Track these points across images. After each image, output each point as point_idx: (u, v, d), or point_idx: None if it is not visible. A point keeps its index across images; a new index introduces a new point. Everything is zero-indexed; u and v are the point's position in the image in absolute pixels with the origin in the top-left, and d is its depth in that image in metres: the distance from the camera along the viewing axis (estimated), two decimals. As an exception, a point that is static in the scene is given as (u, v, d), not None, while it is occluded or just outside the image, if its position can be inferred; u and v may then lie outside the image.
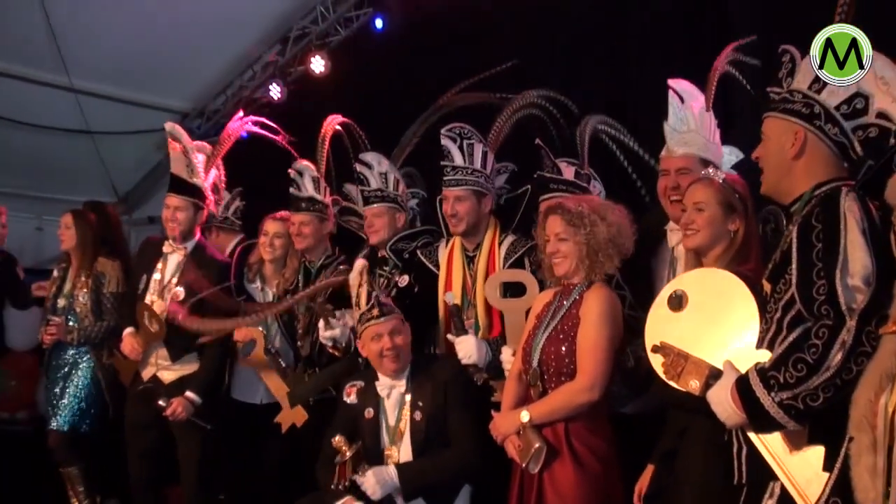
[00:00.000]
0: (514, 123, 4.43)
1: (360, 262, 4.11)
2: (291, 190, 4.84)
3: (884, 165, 2.85)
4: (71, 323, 5.28)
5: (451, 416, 3.77)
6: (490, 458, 3.71)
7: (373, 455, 3.86)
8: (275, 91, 7.35)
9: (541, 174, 4.01)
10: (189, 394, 4.57)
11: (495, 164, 4.34)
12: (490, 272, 4.09)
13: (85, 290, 5.32)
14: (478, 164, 4.15)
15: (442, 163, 4.19)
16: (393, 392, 3.89)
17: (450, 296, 4.06)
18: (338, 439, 3.77)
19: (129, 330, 4.75)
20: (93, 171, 8.01)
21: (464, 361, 3.88)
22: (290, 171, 4.85)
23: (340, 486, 3.72)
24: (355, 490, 3.70)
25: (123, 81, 7.30)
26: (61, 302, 5.37)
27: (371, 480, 3.65)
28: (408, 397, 3.86)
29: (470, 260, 4.21)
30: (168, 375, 4.72)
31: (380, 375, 3.91)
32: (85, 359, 5.33)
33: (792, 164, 2.57)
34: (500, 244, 4.18)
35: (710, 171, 3.11)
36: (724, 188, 2.99)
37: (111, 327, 5.23)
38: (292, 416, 4.54)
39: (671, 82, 3.54)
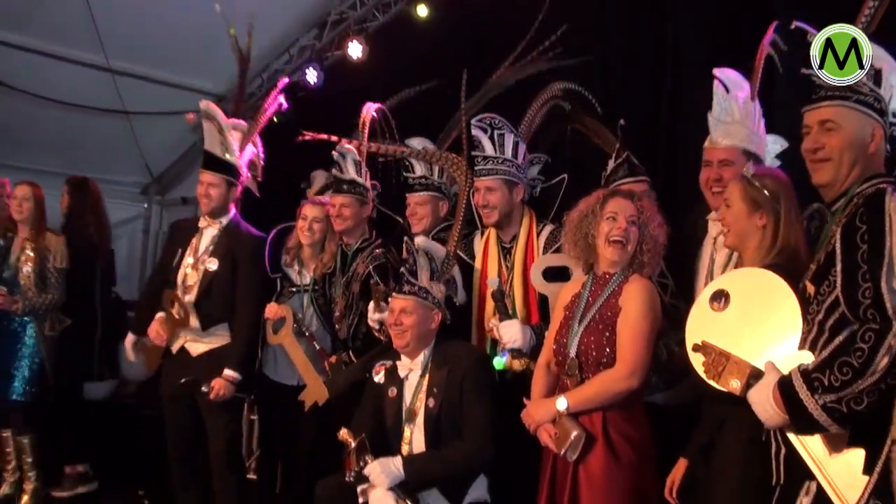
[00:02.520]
0: (545, 114, 4.43)
1: (419, 239, 4.10)
2: (333, 171, 4.87)
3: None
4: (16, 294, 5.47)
5: (465, 406, 3.79)
6: (506, 448, 3.74)
7: (394, 436, 3.92)
8: (311, 75, 7.34)
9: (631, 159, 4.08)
10: (228, 372, 4.59)
11: (528, 155, 4.34)
12: (528, 262, 4.10)
13: (30, 263, 5.54)
14: (508, 154, 4.15)
15: (473, 153, 4.20)
16: (411, 375, 3.96)
17: (494, 281, 4.05)
18: (343, 432, 3.83)
19: (159, 315, 4.79)
20: (127, 151, 8.08)
21: (508, 346, 3.87)
22: (333, 152, 4.86)
23: (348, 478, 3.76)
24: (364, 480, 3.74)
25: (160, 62, 7.34)
26: (6, 272, 5.53)
27: (377, 470, 3.69)
28: (424, 382, 3.90)
29: (506, 251, 4.21)
30: (196, 348, 4.74)
31: (401, 356, 3.98)
32: (28, 330, 5.52)
33: (864, 159, 2.54)
34: (538, 234, 4.18)
35: (746, 167, 3.08)
36: (748, 184, 2.97)
37: (55, 301, 5.54)
38: (315, 395, 4.59)
39: (716, 71, 3.52)
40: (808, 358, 2.42)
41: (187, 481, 4.87)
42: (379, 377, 4.06)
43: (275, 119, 5.34)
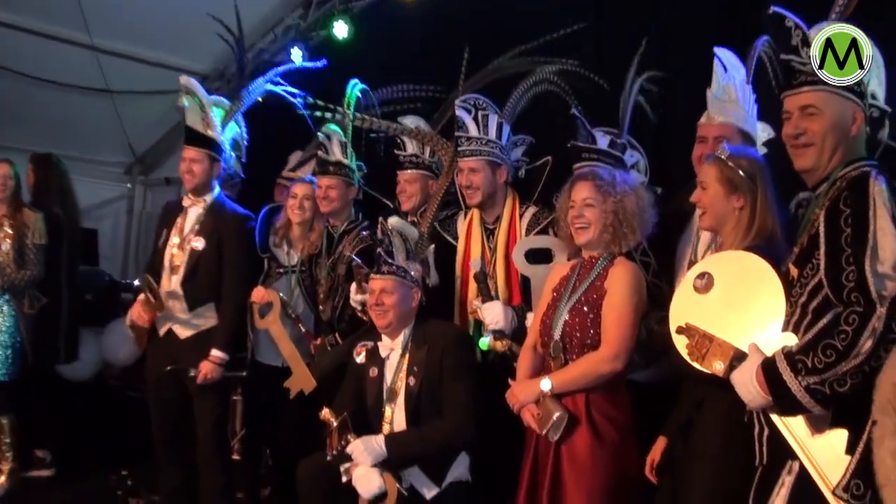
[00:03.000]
0: (532, 97, 4.41)
1: (392, 219, 4.09)
2: (319, 153, 4.85)
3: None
4: None
5: (445, 384, 3.82)
6: (488, 427, 3.76)
7: (375, 415, 3.95)
8: (296, 55, 7.29)
9: (574, 143, 3.98)
10: (214, 352, 4.59)
11: (512, 137, 4.34)
12: (511, 244, 4.11)
13: (8, 240, 5.54)
14: (492, 135, 4.15)
15: (456, 134, 4.20)
16: (392, 355, 3.98)
17: (477, 262, 4.08)
18: (324, 412, 3.86)
19: (140, 297, 4.77)
20: (110, 130, 8.01)
21: (490, 327, 3.90)
22: (318, 133, 4.84)
23: (330, 456, 3.78)
24: (347, 459, 3.76)
25: (144, 41, 7.27)
26: None
27: (359, 448, 3.72)
28: (405, 361, 3.93)
29: (489, 233, 4.22)
30: (184, 331, 4.72)
31: (382, 336, 4.00)
32: (7, 308, 5.52)
33: (845, 143, 2.54)
34: (521, 216, 4.19)
35: (720, 147, 3.08)
36: (725, 166, 2.97)
37: (34, 277, 5.58)
38: (301, 383, 4.60)
39: (717, 50, 3.51)
40: (791, 340, 2.43)
41: (171, 463, 4.86)
42: (360, 358, 4.08)
43: (260, 100, 5.33)
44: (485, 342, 3.99)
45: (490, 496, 3.93)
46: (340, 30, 7.04)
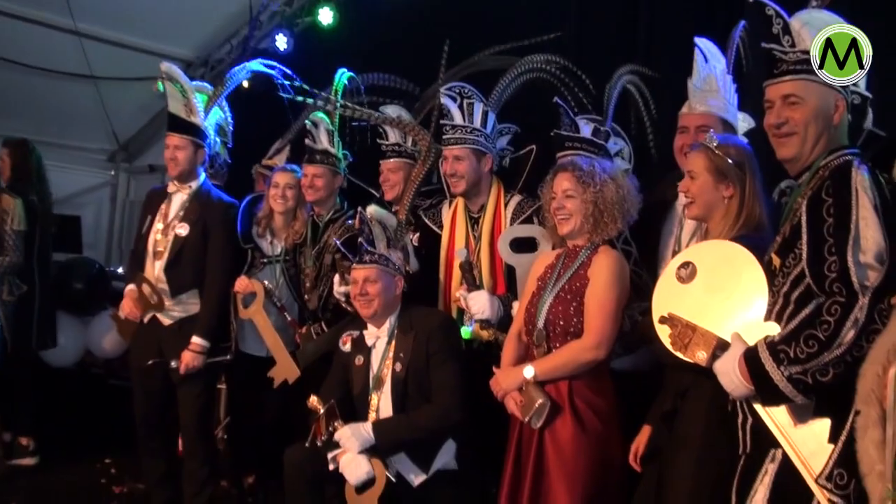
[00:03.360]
0: (519, 85, 4.40)
1: (371, 208, 4.08)
2: (307, 141, 4.83)
3: (891, 141, 2.88)
4: None
5: (432, 370, 3.82)
6: (475, 413, 3.77)
7: (361, 403, 3.95)
8: (281, 42, 7.26)
9: (557, 132, 3.98)
10: (195, 340, 4.57)
11: (498, 125, 4.33)
12: (496, 233, 4.11)
13: None
14: (477, 123, 4.15)
15: (441, 122, 4.20)
16: (378, 342, 3.98)
17: (463, 251, 4.08)
18: (312, 399, 3.86)
19: (130, 289, 4.73)
20: (94, 116, 7.95)
21: (476, 317, 3.91)
22: (306, 122, 4.82)
23: (318, 443, 3.78)
24: (334, 446, 3.77)
25: (128, 27, 7.23)
26: None
27: (347, 434, 3.72)
28: (391, 349, 3.93)
29: (474, 221, 4.22)
30: (167, 318, 4.70)
31: (367, 325, 4.00)
32: None
33: (828, 132, 2.54)
34: (505, 205, 4.19)
35: (709, 135, 3.09)
36: (715, 155, 2.96)
37: (14, 263, 5.55)
38: (285, 372, 4.59)
39: (697, 40, 3.52)
40: (774, 329, 2.44)
41: (155, 451, 4.85)
42: (346, 347, 4.08)
43: (244, 84, 5.31)
44: (467, 331, 4.01)
45: (476, 483, 3.93)
46: (325, 16, 7.02)
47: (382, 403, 3.90)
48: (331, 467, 3.77)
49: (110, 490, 5.43)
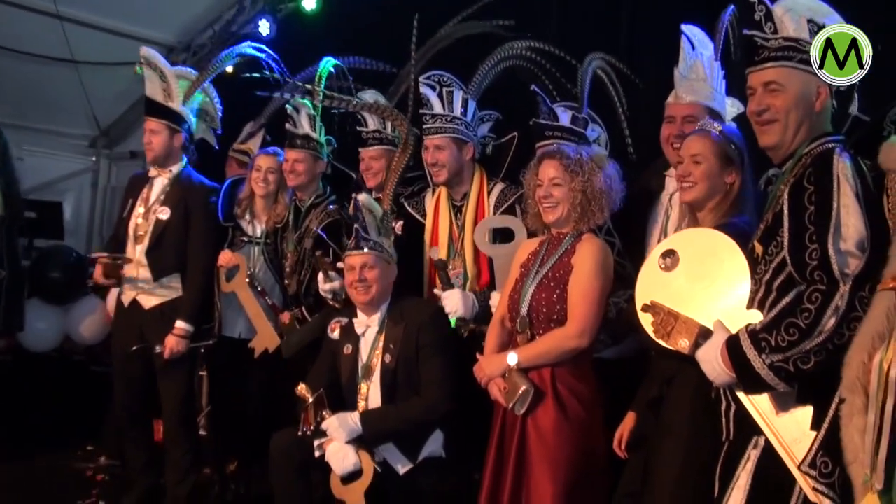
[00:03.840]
0: (499, 72, 4.39)
1: (362, 196, 4.05)
2: (287, 126, 4.81)
3: (874, 126, 2.88)
4: None
5: (421, 361, 3.83)
6: (462, 404, 3.78)
7: (350, 392, 3.95)
8: (264, 27, 7.20)
9: (536, 120, 3.97)
10: (179, 324, 4.57)
11: (478, 112, 4.32)
12: (479, 221, 4.09)
13: None
14: (457, 112, 4.14)
15: (421, 111, 4.18)
16: (368, 331, 3.97)
17: (434, 251, 4.09)
18: (301, 388, 3.85)
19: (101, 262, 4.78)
20: (75, 101, 7.86)
21: (451, 316, 3.91)
22: (287, 106, 4.80)
23: (307, 431, 3.78)
24: (322, 435, 3.77)
25: (110, 11, 7.12)
26: None
27: (335, 424, 3.73)
28: (381, 338, 3.92)
29: (457, 210, 4.22)
30: (149, 301, 4.70)
31: (358, 312, 3.99)
32: None
33: (810, 119, 2.54)
34: (488, 193, 4.18)
35: (707, 122, 3.10)
36: (721, 140, 2.97)
37: None
38: (265, 342, 4.61)
39: (684, 27, 3.50)
40: (756, 317, 2.44)
41: (137, 438, 4.85)
42: (335, 334, 4.07)
43: (228, 70, 5.28)
44: (453, 319, 4.00)
45: (461, 470, 3.94)
46: (309, 2, 6.97)
47: (371, 393, 3.90)
48: (317, 454, 3.77)
49: (93, 479, 5.41)
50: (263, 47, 5.11)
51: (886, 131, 2.84)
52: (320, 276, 4.31)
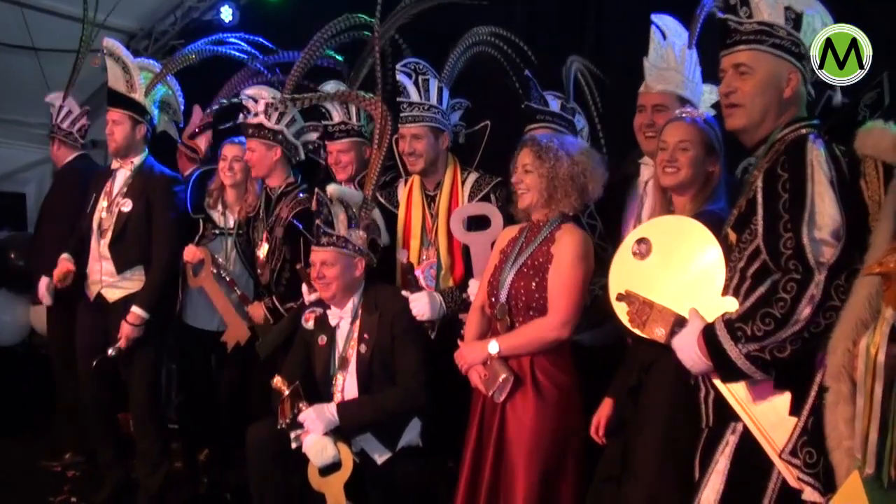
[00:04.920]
0: (468, 59, 4.38)
1: (331, 187, 4.00)
2: (241, 116, 4.77)
3: (849, 112, 2.90)
4: None
5: (396, 351, 3.82)
6: (440, 392, 3.79)
7: (324, 383, 3.94)
8: (226, 13, 7.12)
9: (528, 104, 3.99)
10: (134, 310, 4.51)
11: (450, 101, 4.30)
12: (453, 210, 4.08)
13: None
14: (433, 100, 4.11)
15: (398, 99, 4.14)
16: (342, 323, 3.95)
17: (403, 253, 4.10)
18: (276, 380, 3.83)
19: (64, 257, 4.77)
20: (35, 89, 7.73)
21: (418, 318, 3.90)
22: (242, 97, 4.74)
23: (283, 424, 3.76)
24: (298, 427, 3.75)
25: (71, -3, 7.03)
26: None
27: (311, 416, 3.71)
28: (355, 329, 3.90)
29: (430, 200, 4.20)
30: (113, 294, 4.66)
31: (330, 304, 3.96)
32: None
33: (778, 104, 2.55)
34: (462, 182, 4.17)
35: (688, 109, 3.12)
36: (707, 128, 2.99)
37: None
38: (236, 335, 4.60)
39: (654, 17, 3.52)
40: (731, 304, 2.46)
41: (105, 433, 4.82)
42: (309, 324, 4.06)
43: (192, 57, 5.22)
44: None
45: (439, 459, 3.96)
46: (273, -12, 6.91)
47: (347, 383, 3.88)
48: (293, 446, 3.75)
49: (63, 475, 5.38)
50: (233, 39, 5.05)
51: (861, 116, 2.85)
52: (304, 287, 4.27)
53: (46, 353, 6.57)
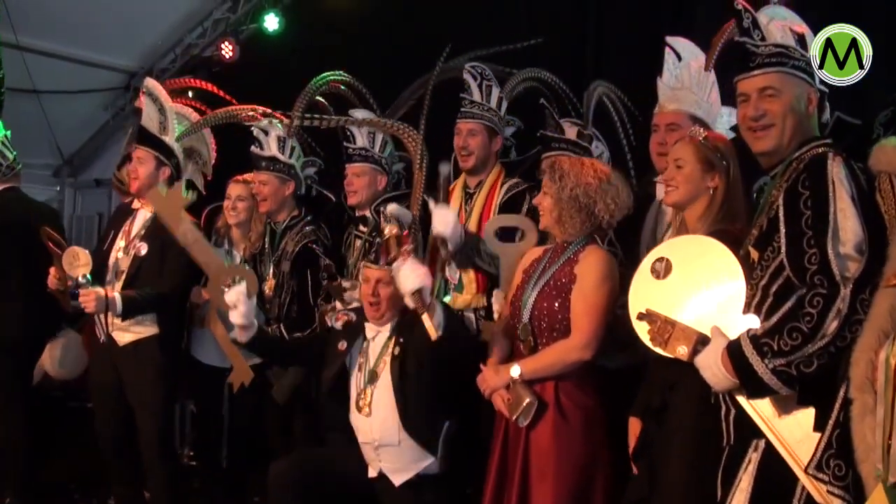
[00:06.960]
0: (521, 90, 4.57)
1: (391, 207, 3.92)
2: (252, 148, 4.77)
3: (864, 130, 2.93)
4: None
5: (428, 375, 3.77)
6: (461, 418, 3.82)
7: (342, 389, 3.96)
8: (227, 50, 7.17)
9: (543, 132, 4.09)
10: (114, 294, 4.35)
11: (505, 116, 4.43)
12: (486, 210, 4.18)
13: None
14: (493, 104, 4.25)
15: (461, 95, 4.28)
16: (378, 336, 3.92)
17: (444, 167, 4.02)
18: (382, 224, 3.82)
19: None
20: (37, 131, 7.78)
21: (435, 231, 3.88)
22: (253, 129, 4.76)
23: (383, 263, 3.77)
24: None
25: (70, 39, 7.09)
26: None
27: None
28: (390, 346, 3.87)
29: (469, 196, 4.29)
30: (123, 337, 4.57)
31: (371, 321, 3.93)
32: None
33: (801, 124, 2.58)
34: (501, 184, 4.25)
35: (694, 128, 3.13)
36: (704, 145, 2.99)
37: None
38: (241, 376, 4.53)
39: (669, 39, 3.57)
40: (752, 322, 2.47)
41: (122, 474, 4.76)
42: (338, 324, 4.06)
43: (189, 94, 5.25)
44: (447, 298, 4.08)
45: (459, 484, 3.94)
46: (271, 23, 6.97)
47: (377, 397, 3.82)
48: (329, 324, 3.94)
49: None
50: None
51: (875, 134, 2.88)
52: (337, 303, 4.26)
53: (58, 396, 6.53)
